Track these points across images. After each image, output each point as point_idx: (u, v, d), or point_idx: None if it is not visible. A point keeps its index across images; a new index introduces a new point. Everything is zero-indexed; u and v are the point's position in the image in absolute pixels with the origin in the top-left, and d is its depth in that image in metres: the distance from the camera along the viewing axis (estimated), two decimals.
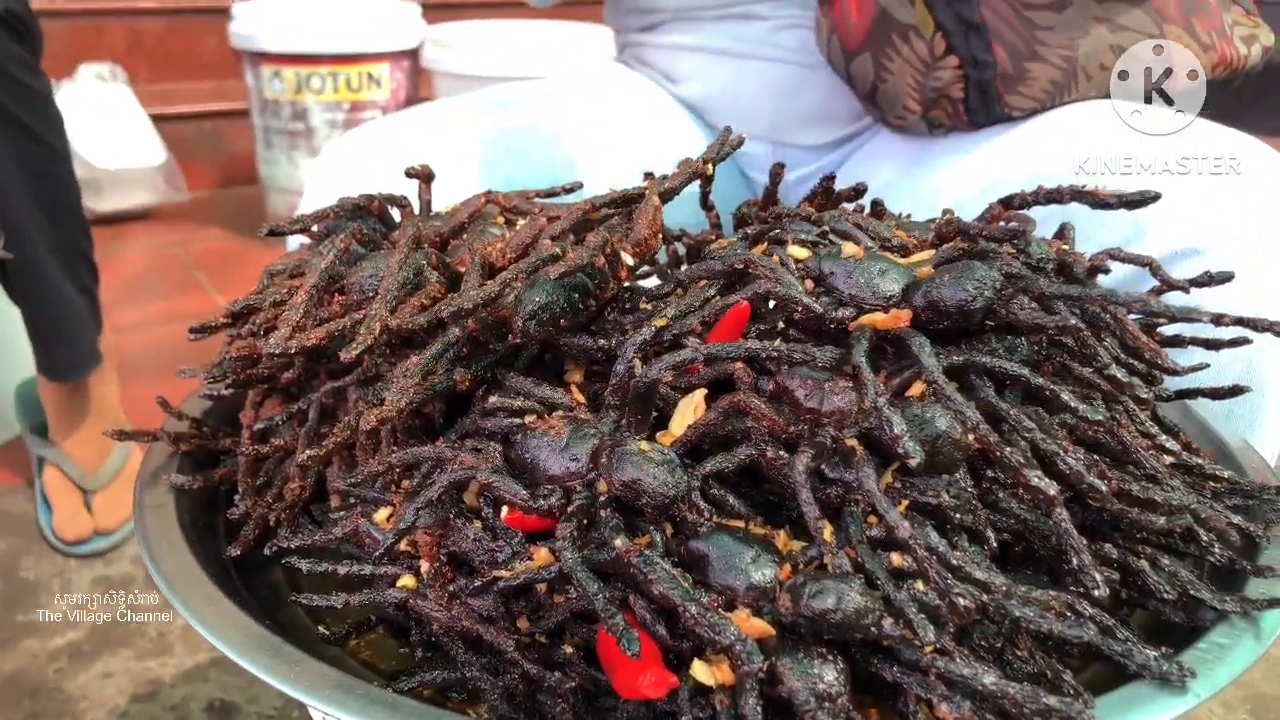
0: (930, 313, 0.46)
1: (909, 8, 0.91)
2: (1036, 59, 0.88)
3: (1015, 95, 0.90)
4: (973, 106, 0.92)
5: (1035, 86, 0.90)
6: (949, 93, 0.91)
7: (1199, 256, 0.77)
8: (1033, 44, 0.88)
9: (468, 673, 0.47)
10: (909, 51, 0.92)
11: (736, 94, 1.13)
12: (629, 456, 0.44)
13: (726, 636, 0.39)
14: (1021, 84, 0.89)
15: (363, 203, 0.57)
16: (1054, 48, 0.88)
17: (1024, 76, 0.89)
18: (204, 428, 0.65)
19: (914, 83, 0.93)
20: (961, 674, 0.41)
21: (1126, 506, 0.49)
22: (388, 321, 0.46)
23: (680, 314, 0.48)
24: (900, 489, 0.45)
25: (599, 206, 0.52)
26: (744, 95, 1.12)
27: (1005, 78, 0.89)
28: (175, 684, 1.29)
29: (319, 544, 0.54)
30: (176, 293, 2.43)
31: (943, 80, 0.90)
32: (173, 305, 2.34)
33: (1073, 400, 0.46)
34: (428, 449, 0.49)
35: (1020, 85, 0.89)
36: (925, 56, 0.91)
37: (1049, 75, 0.89)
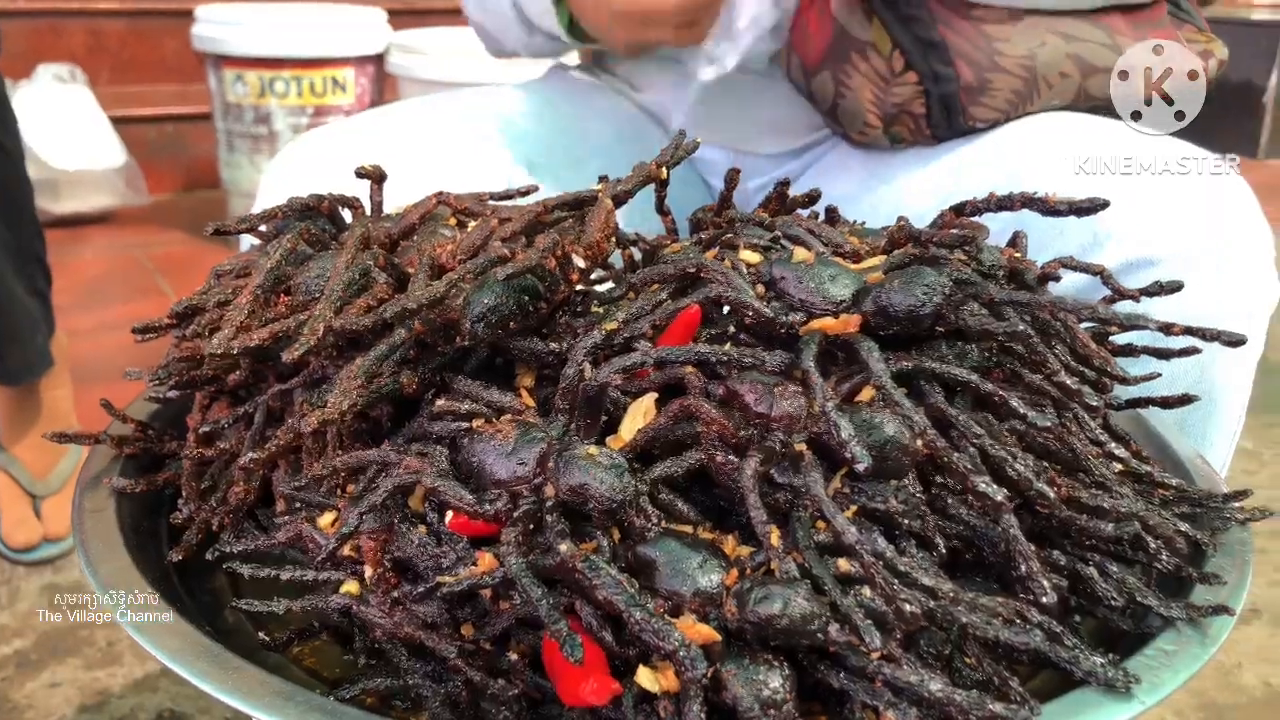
0: (880, 318, 0.46)
1: (866, 26, 0.91)
2: (998, 70, 0.89)
3: (979, 107, 0.91)
4: (935, 121, 0.92)
5: (999, 97, 0.90)
6: (910, 108, 0.92)
7: (1153, 267, 0.78)
8: (992, 55, 0.88)
9: (410, 680, 0.46)
10: (868, 68, 0.92)
11: (697, 101, 1.13)
12: (576, 461, 0.44)
13: (670, 642, 0.39)
14: (984, 95, 0.90)
15: (312, 203, 0.56)
16: (1013, 58, 0.89)
17: (987, 88, 0.90)
18: (149, 431, 0.64)
19: (874, 99, 0.93)
20: (907, 681, 0.41)
21: (1075, 513, 0.49)
22: (332, 322, 0.45)
23: (631, 318, 0.48)
24: (848, 494, 0.45)
25: (551, 209, 0.51)
26: (705, 103, 1.13)
27: (968, 90, 0.90)
28: (124, 694, 1.27)
29: (262, 549, 0.53)
30: (136, 297, 2.39)
31: (903, 96, 0.90)
32: (132, 309, 2.31)
33: (1022, 406, 0.46)
34: (372, 453, 0.48)
35: (983, 97, 0.90)
36: (884, 73, 0.92)
37: (1011, 85, 0.90)
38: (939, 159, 0.94)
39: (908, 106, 0.91)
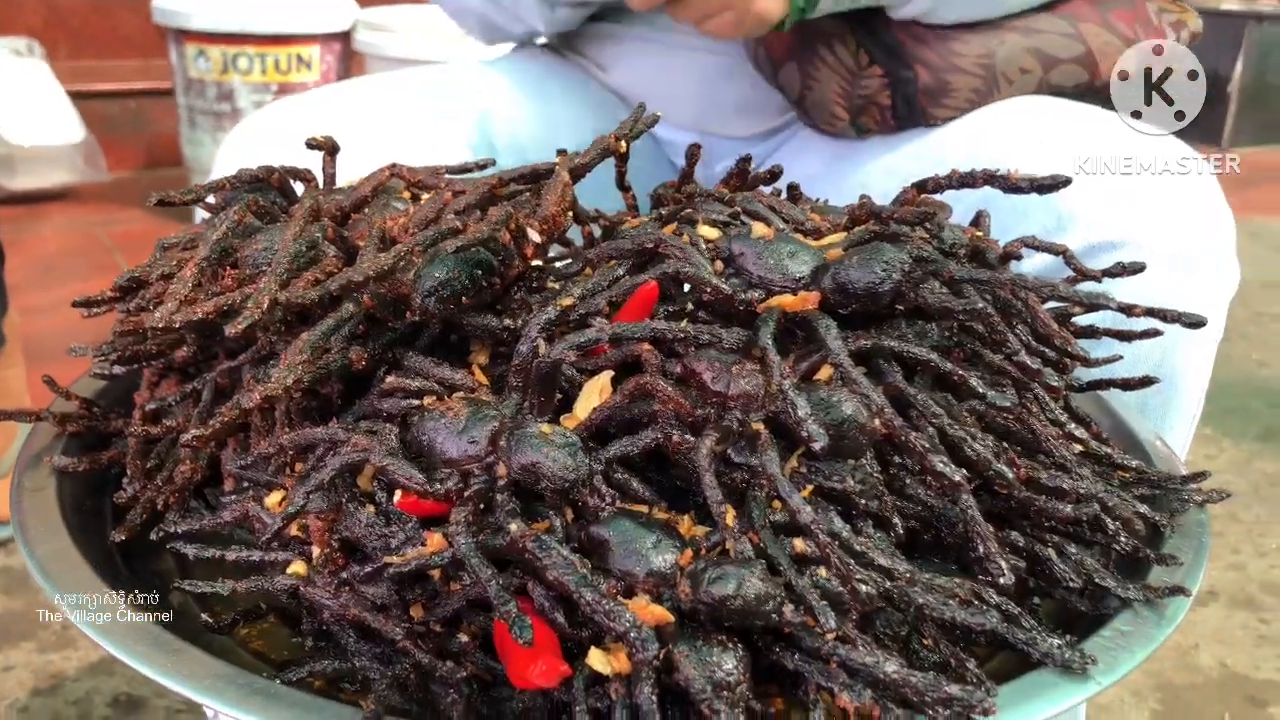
0: (838, 295, 0.45)
1: (831, 20, 0.91)
2: (956, 71, 0.89)
3: (939, 108, 0.91)
4: (900, 114, 0.92)
5: (959, 97, 0.91)
6: (877, 100, 0.92)
7: (1116, 251, 0.78)
8: (950, 57, 0.89)
9: (358, 662, 0.45)
10: (834, 61, 0.92)
11: (663, 82, 1.12)
12: (529, 439, 0.43)
13: (621, 623, 0.38)
14: (945, 96, 0.91)
15: (262, 174, 0.55)
16: (971, 58, 0.89)
17: (946, 89, 0.90)
18: (94, 408, 0.62)
19: (841, 91, 0.93)
20: (863, 662, 0.41)
21: (1034, 494, 0.48)
22: (277, 295, 0.44)
23: (587, 293, 0.47)
24: (805, 474, 0.44)
25: (507, 182, 0.50)
26: (671, 84, 1.11)
27: (927, 91, 0.90)
28: (79, 678, 1.25)
29: (209, 529, 0.52)
30: (95, 275, 2.35)
31: (870, 89, 0.90)
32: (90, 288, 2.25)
33: (981, 386, 0.46)
34: (320, 430, 0.47)
35: (944, 98, 0.91)
36: (851, 66, 0.91)
37: (970, 85, 0.90)
38: (905, 144, 0.94)
39: (875, 98, 0.91)
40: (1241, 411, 2.01)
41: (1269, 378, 2.20)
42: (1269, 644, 1.38)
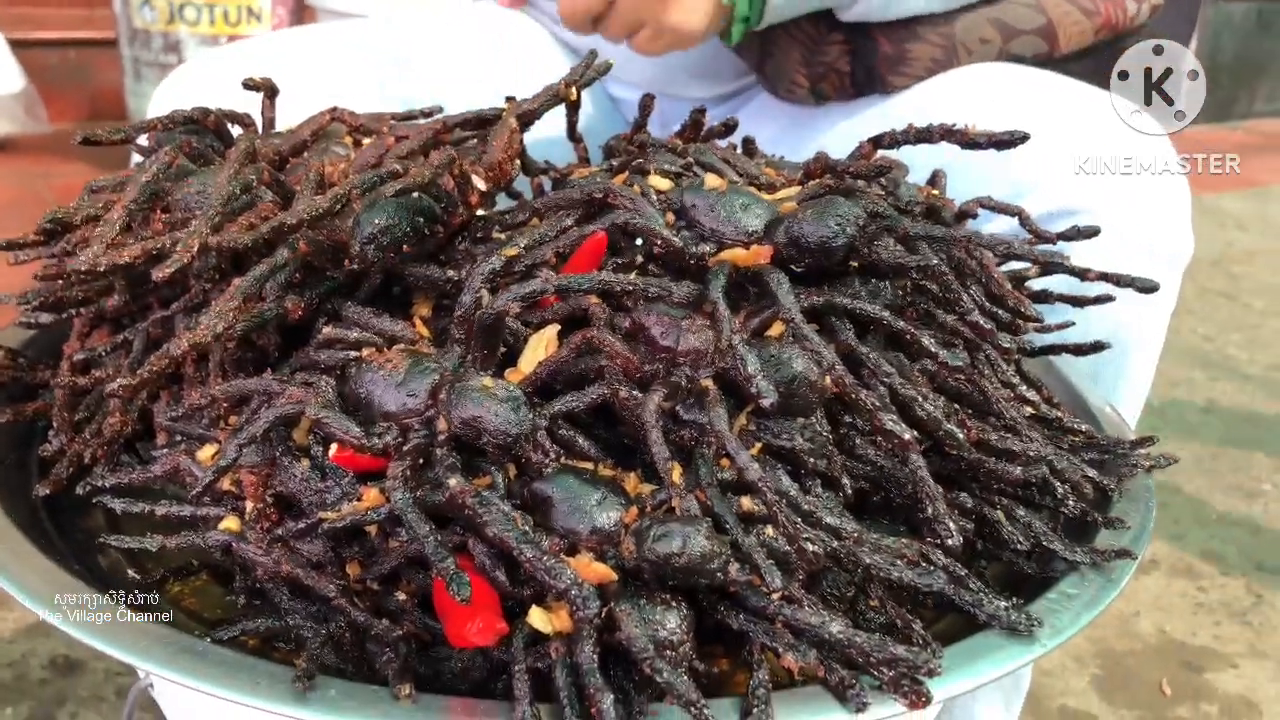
0: (792, 249, 0.44)
1: None
2: (917, 39, 0.88)
3: (898, 76, 0.90)
4: (859, 82, 0.91)
5: (917, 66, 0.90)
6: (836, 67, 0.91)
7: (1072, 218, 0.78)
8: (911, 25, 0.87)
9: (292, 620, 0.44)
10: (795, 29, 0.90)
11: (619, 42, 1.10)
12: (470, 393, 0.41)
13: (562, 581, 0.37)
14: (903, 65, 0.90)
15: (197, 116, 0.52)
16: (931, 28, 0.88)
17: (905, 58, 0.89)
18: (20, 359, 0.60)
19: (801, 58, 0.91)
20: (808, 622, 0.40)
21: (983, 456, 0.48)
22: (208, 239, 0.42)
23: (533, 244, 0.45)
24: (754, 432, 0.43)
25: (452, 127, 0.48)
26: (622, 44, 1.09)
27: (887, 60, 0.89)
28: (14, 639, 1.22)
29: (138, 484, 0.50)
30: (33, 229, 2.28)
31: (830, 56, 0.89)
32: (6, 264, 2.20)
33: (934, 345, 0.45)
34: (253, 381, 0.45)
35: (902, 66, 0.90)
36: (812, 34, 0.90)
37: (929, 54, 0.89)
38: (864, 110, 0.93)
39: (835, 65, 0.90)
40: (1186, 384, 2.05)
41: (1211, 352, 2.23)
42: (1206, 611, 1.40)
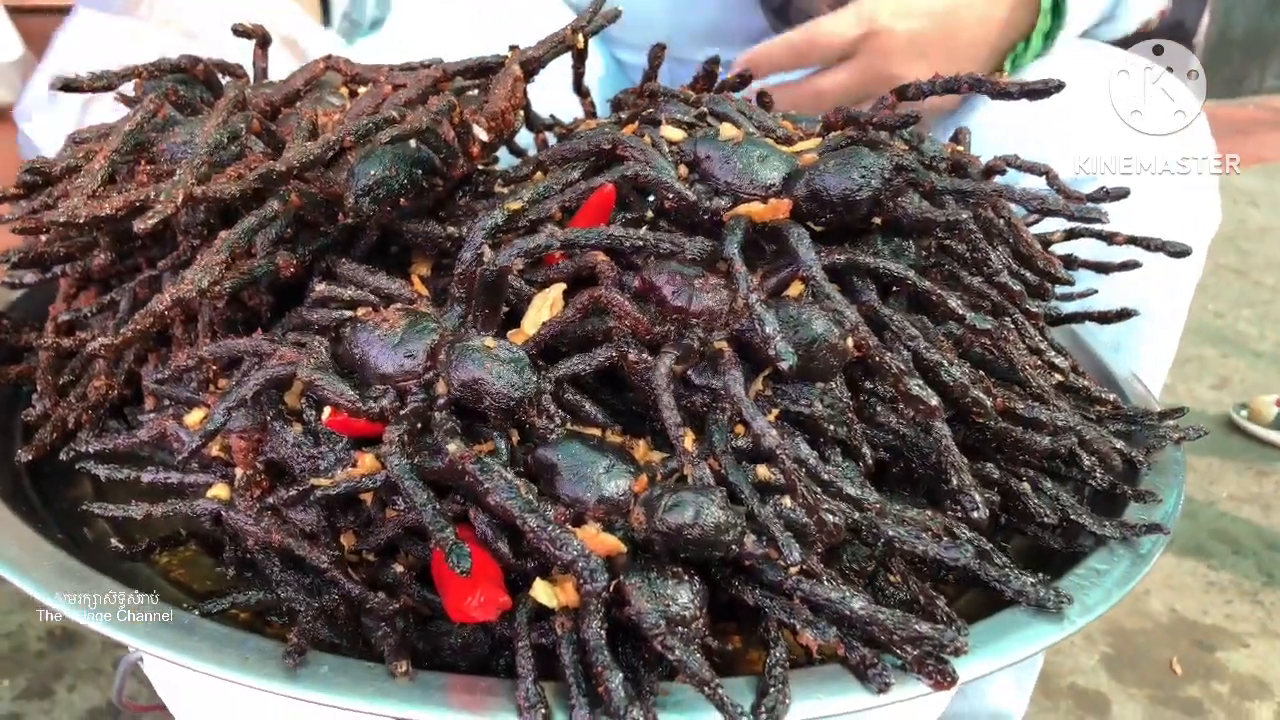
0: (812, 203, 0.41)
1: None
2: None
3: None
4: None
5: None
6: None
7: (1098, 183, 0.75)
8: None
9: (284, 593, 0.42)
10: None
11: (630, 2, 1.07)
12: (471, 353, 0.39)
13: (568, 552, 0.35)
14: None
15: (185, 64, 0.50)
16: None
17: None
18: (4, 321, 0.57)
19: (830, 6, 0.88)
20: (828, 598, 0.38)
21: (1010, 425, 0.46)
22: (193, 189, 0.39)
23: (537, 197, 0.43)
24: (771, 397, 0.41)
25: (452, 75, 0.46)
26: (638, 4, 1.06)
27: None
28: (10, 610, 1.20)
29: (123, 449, 0.48)
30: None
31: None
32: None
33: (961, 308, 0.42)
34: (244, 341, 0.43)
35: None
36: None
37: None
38: None
39: None
40: (1196, 361, 2.02)
41: (1222, 328, 2.20)
42: (1217, 590, 1.38)
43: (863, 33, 0.80)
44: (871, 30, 0.80)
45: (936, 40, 0.80)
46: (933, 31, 0.80)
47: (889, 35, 0.80)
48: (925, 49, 0.81)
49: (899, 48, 0.80)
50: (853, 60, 0.81)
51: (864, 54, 0.80)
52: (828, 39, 0.80)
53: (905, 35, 0.79)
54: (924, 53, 0.80)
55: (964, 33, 0.80)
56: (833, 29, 0.80)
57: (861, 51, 0.81)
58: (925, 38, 0.80)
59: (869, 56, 0.80)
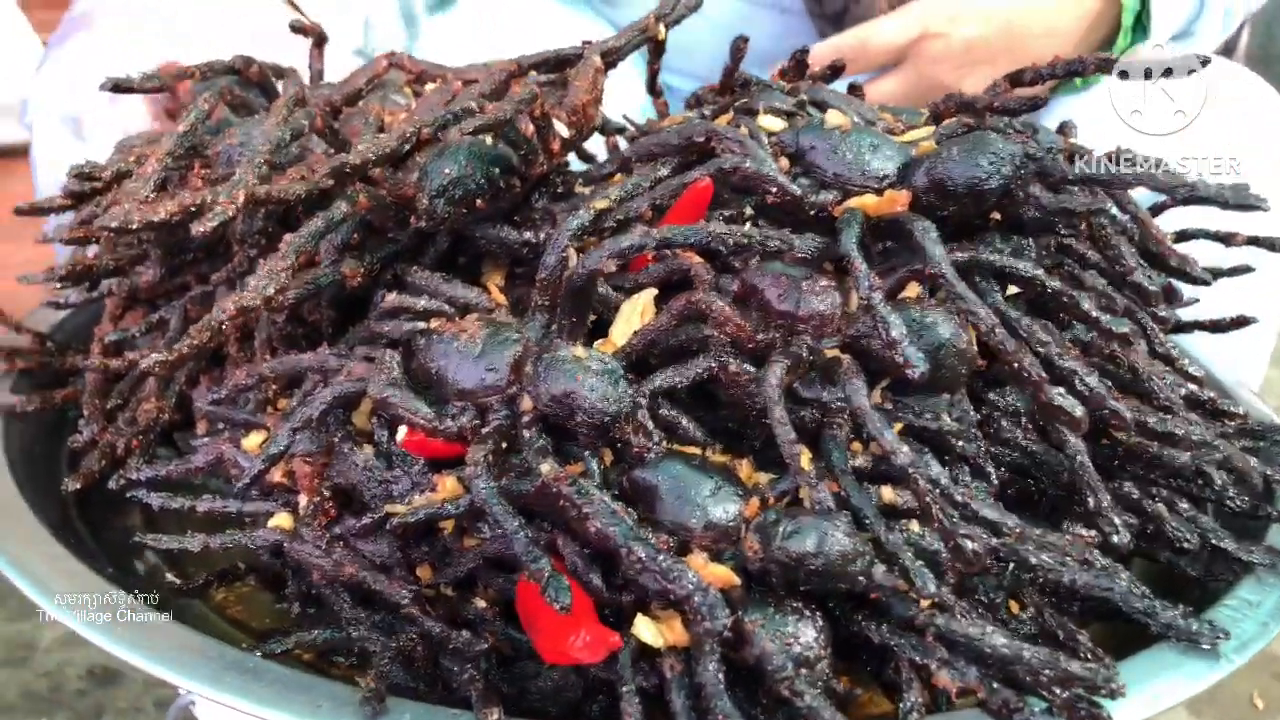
0: (934, 195, 0.37)
1: None
2: None
3: None
4: None
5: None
6: None
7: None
8: None
9: (354, 632, 0.38)
10: None
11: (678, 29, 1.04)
12: (561, 365, 0.35)
13: (684, 586, 0.31)
14: None
15: (238, 65, 0.47)
16: None
17: None
18: (49, 343, 0.54)
19: (889, 7, 0.84)
20: (965, 634, 0.34)
21: (1144, 440, 0.41)
22: (254, 190, 0.36)
23: (626, 195, 0.39)
24: (890, 411, 0.37)
25: (526, 68, 0.42)
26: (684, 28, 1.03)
27: None
28: (51, 649, 1.18)
29: (177, 476, 0.45)
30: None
31: None
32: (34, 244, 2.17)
33: (1094, 310, 0.38)
34: (308, 357, 0.40)
35: None
36: None
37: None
38: None
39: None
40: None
41: None
42: None
43: (915, 37, 0.76)
44: (925, 35, 0.76)
45: (995, 49, 0.76)
46: (992, 39, 0.76)
47: (943, 40, 0.76)
48: (982, 57, 0.77)
49: (953, 54, 0.76)
50: (902, 67, 0.78)
51: (915, 60, 0.77)
52: (879, 43, 0.76)
53: (961, 42, 0.76)
54: (980, 61, 0.77)
55: (1028, 43, 0.76)
56: (884, 33, 0.76)
57: (913, 57, 0.77)
58: (983, 45, 0.76)
59: (920, 63, 0.77)
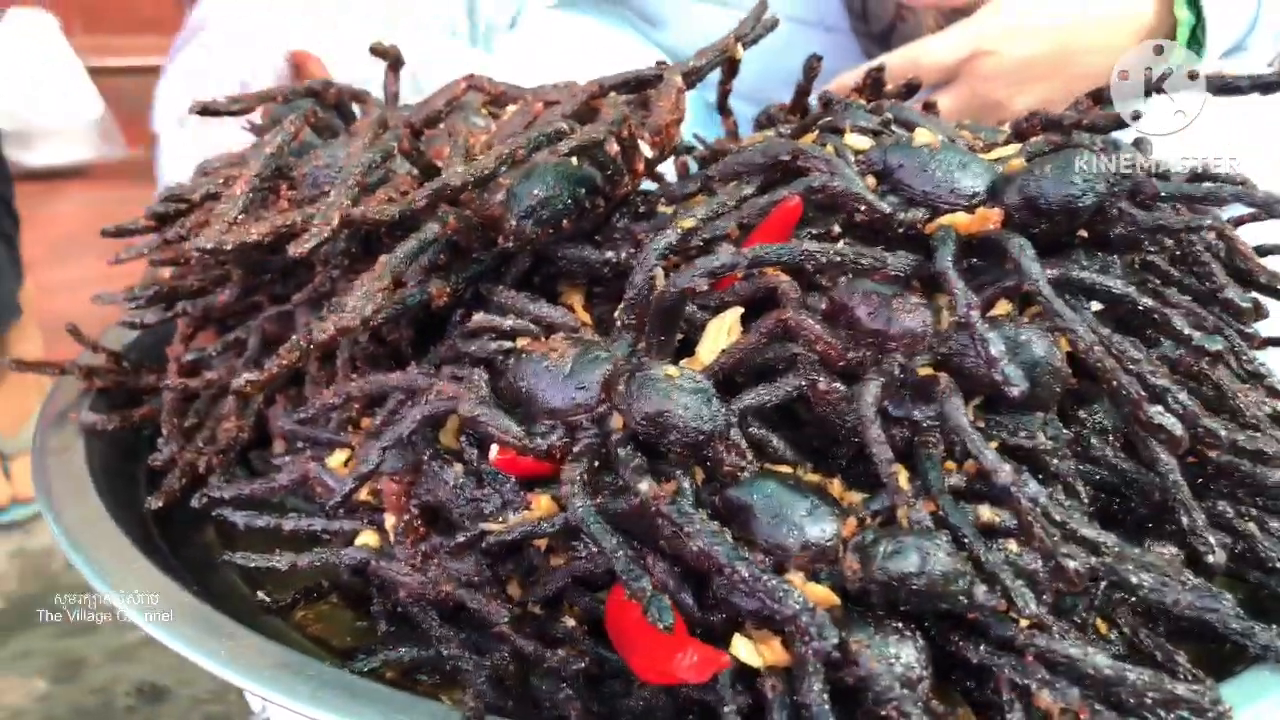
0: (1026, 212, 0.37)
1: None
2: None
3: None
4: None
5: None
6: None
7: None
8: None
9: (445, 650, 0.38)
10: None
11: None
12: (654, 384, 0.35)
13: (790, 606, 0.30)
14: None
15: (317, 88, 0.47)
16: None
17: None
18: (124, 362, 0.55)
19: (937, 26, 0.84)
20: (1067, 654, 0.33)
21: (1236, 458, 0.41)
22: (348, 211, 0.36)
23: (713, 214, 0.39)
24: (984, 429, 0.37)
25: (607, 89, 0.43)
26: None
27: None
28: (100, 664, 1.18)
29: (258, 495, 0.45)
30: (111, 252, 2.28)
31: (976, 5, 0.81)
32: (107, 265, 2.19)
33: (1186, 327, 0.38)
34: (396, 376, 0.40)
35: None
36: None
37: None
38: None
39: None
40: None
41: None
42: None
43: (967, 55, 0.76)
44: (977, 52, 0.76)
45: (1048, 66, 0.76)
46: (1045, 56, 0.76)
47: (996, 58, 0.76)
48: (1035, 74, 0.76)
49: (1006, 71, 0.76)
50: (955, 85, 0.77)
51: (967, 78, 0.76)
52: (931, 62, 0.76)
53: (1013, 59, 0.75)
54: (1034, 78, 0.76)
55: (1078, 60, 0.76)
56: (936, 52, 0.76)
57: (965, 75, 0.77)
58: (1036, 62, 0.76)
59: (972, 80, 0.76)
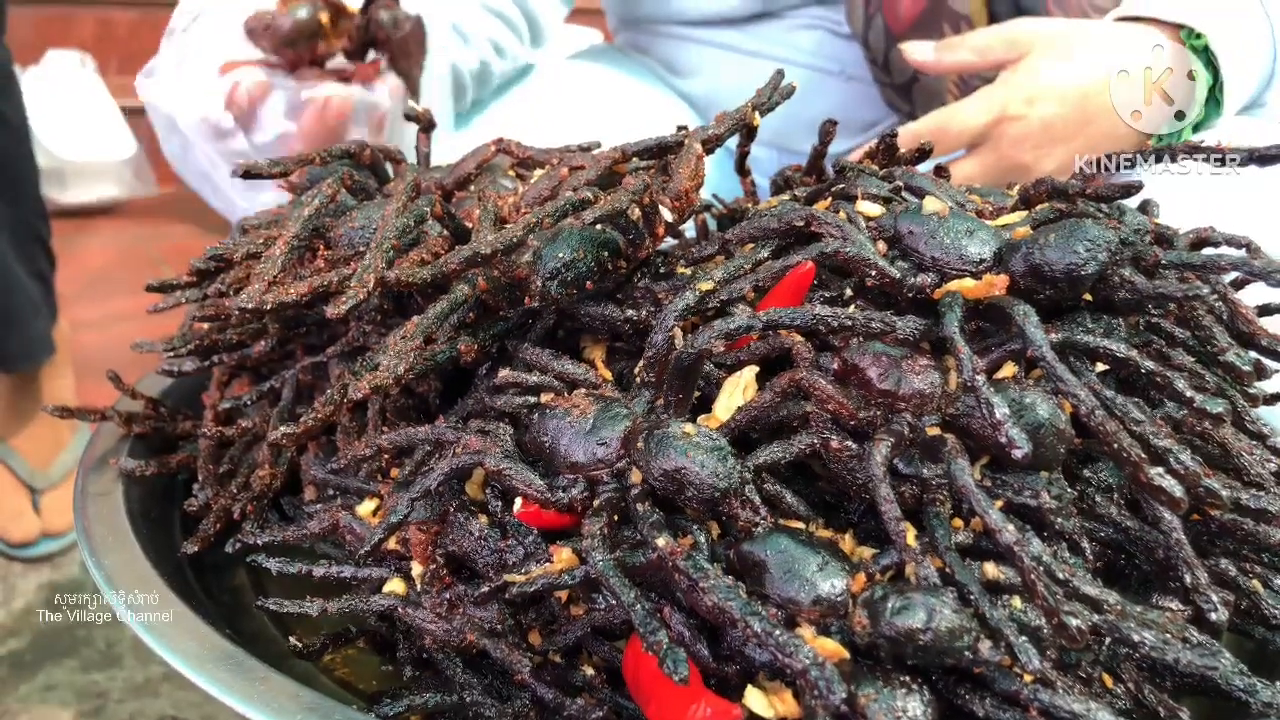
0: (1031, 279, 0.39)
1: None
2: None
3: None
4: None
5: None
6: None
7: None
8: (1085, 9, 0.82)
9: (468, 696, 0.39)
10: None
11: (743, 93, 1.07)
12: (672, 441, 0.37)
13: (800, 660, 0.32)
14: None
15: (353, 149, 0.50)
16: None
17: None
18: (161, 409, 0.57)
19: (958, 77, 0.86)
20: (1070, 709, 0.34)
21: (1238, 517, 0.42)
22: (384, 274, 0.38)
23: (729, 277, 0.41)
24: (989, 488, 0.38)
25: (630, 155, 0.45)
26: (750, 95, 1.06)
27: None
28: (123, 699, 1.20)
29: (290, 541, 0.47)
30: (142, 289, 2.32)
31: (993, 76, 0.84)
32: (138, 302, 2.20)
33: (1188, 389, 0.39)
34: (424, 429, 0.41)
35: None
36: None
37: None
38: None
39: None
40: None
41: None
42: None
43: (994, 120, 0.78)
44: (1004, 117, 0.78)
45: (1072, 127, 0.78)
46: (1068, 118, 0.78)
47: (1022, 122, 0.78)
48: (1060, 135, 0.78)
49: (1032, 134, 0.78)
50: (981, 149, 0.79)
51: (994, 141, 0.78)
52: (958, 127, 0.78)
53: (1039, 122, 0.77)
54: (1058, 140, 0.78)
55: (1100, 120, 0.78)
56: (964, 117, 0.78)
57: (991, 139, 0.78)
58: (1060, 124, 0.78)
59: (999, 144, 0.78)
